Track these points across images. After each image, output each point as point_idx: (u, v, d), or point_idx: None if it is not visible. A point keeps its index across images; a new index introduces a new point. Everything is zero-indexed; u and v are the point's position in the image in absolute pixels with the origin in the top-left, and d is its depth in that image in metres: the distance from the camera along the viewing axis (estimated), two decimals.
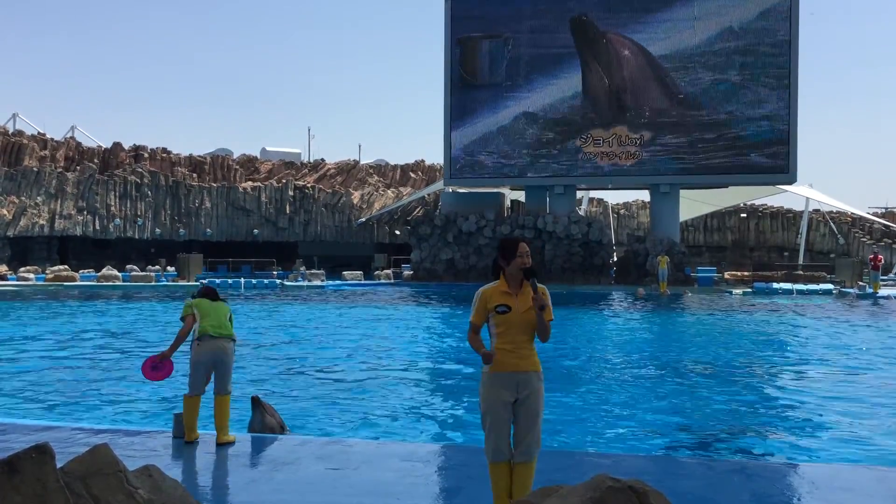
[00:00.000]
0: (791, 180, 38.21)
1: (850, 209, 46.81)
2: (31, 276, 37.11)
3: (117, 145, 49.35)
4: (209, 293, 7.47)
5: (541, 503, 2.90)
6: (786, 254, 49.87)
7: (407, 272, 41.39)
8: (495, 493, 4.75)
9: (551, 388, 11.01)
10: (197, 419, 7.19)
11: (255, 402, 7.85)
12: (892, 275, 42.02)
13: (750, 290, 34.88)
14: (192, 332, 7.25)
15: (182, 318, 7.28)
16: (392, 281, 40.69)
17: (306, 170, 55.31)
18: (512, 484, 4.68)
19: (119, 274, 37.49)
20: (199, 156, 51.84)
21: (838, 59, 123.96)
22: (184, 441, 7.14)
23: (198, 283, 37.06)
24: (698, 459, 7.46)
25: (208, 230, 47.25)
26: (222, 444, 7.08)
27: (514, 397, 4.67)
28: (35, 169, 43.33)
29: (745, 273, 40.14)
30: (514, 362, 4.68)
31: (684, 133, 37.85)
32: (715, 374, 13.41)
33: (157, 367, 7.26)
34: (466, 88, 39.89)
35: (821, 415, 9.98)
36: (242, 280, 37.76)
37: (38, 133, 48.59)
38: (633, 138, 38.30)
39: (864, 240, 47.99)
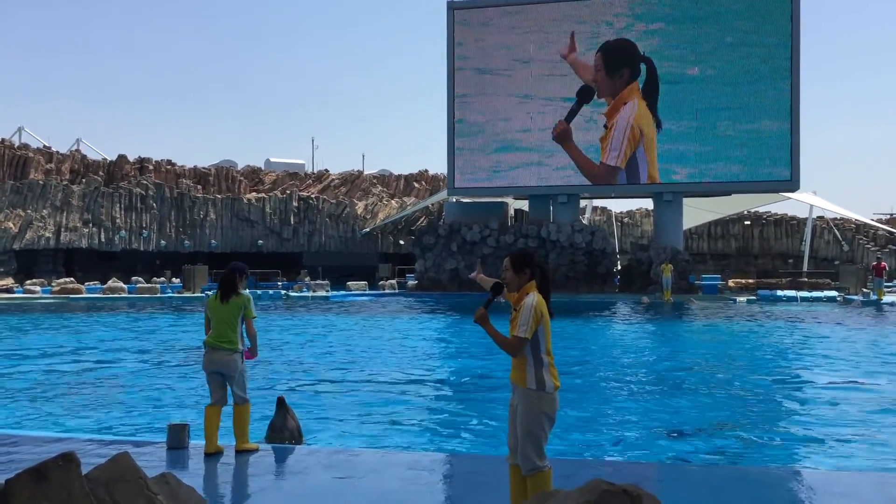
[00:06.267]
0: (794, 187, 38.20)
1: (854, 216, 46.80)
2: (38, 288, 37.31)
3: (122, 158, 49.58)
4: (223, 284, 7.49)
5: None
6: (790, 261, 49.85)
7: (411, 282, 41.46)
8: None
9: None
10: (215, 431, 7.22)
11: (281, 402, 8.11)
12: None
13: (754, 297, 34.91)
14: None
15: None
16: (396, 291, 40.75)
17: (310, 180, 55.52)
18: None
19: (124, 286, 37.66)
20: (204, 167, 52.08)
21: (841, 63, 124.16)
22: (204, 453, 7.17)
23: (202, 295, 37.18)
24: (699, 466, 7.56)
25: (213, 241, 47.43)
26: (241, 452, 7.21)
27: (515, 403, 4.79)
28: (41, 182, 43.61)
29: (750, 280, 40.14)
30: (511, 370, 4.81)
31: (686, 140, 37.91)
32: (720, 381, 13.48)
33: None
34: (469, 97, 40.12)
35: (824, 421, 10.06)
36: (247, 291, 37.78)
37: (44, 146, 48.87)
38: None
39: (869, 246, 48.00)
